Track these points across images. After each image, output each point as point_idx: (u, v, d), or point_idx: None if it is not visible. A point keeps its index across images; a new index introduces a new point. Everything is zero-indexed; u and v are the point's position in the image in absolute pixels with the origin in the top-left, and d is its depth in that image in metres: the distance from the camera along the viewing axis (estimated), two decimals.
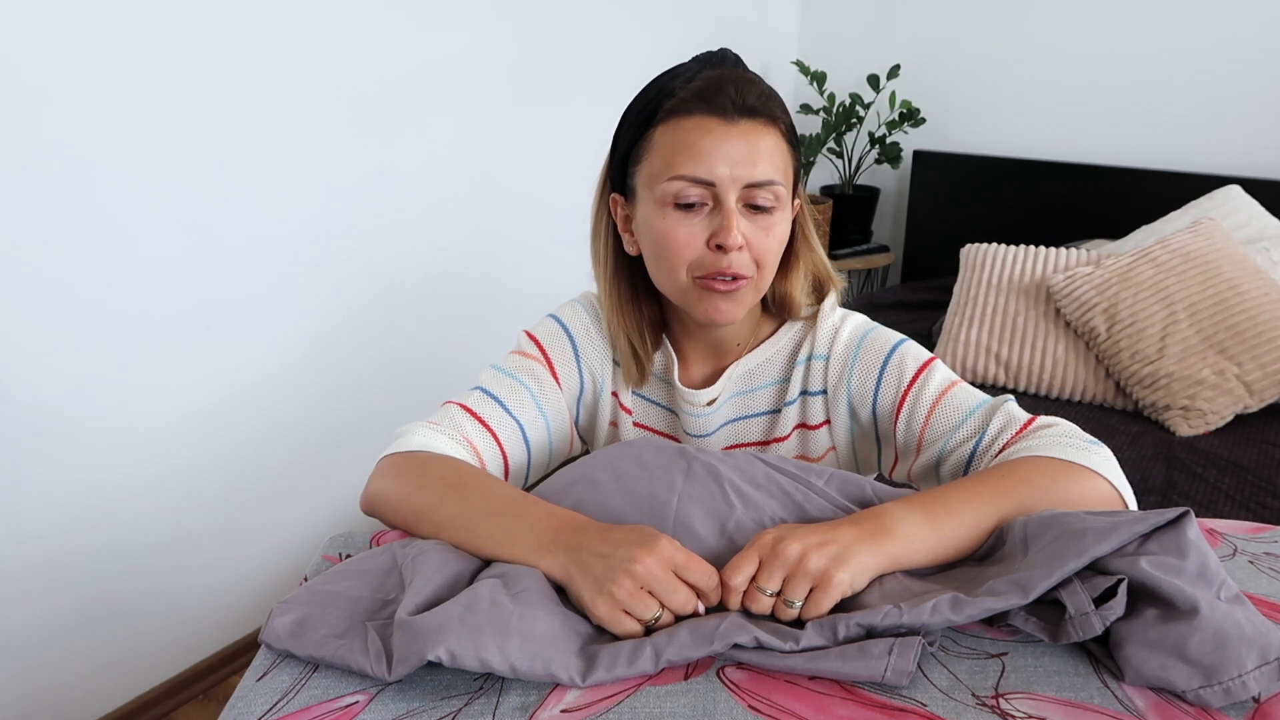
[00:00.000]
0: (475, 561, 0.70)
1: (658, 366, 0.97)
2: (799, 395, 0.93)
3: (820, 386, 0.92)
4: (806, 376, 0.93)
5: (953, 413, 0.85)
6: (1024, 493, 0.72)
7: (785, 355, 0.94)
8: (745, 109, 0.80)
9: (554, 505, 0.73)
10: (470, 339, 2.11)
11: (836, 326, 0.92)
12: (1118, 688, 0.56)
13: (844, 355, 0.91)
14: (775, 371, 0.94)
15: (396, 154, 1.82)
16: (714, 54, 0.85)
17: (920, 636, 0.58)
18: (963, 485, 0.74)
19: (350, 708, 0.57)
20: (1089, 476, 0.75)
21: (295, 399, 1.74)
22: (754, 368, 0.94)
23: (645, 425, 1.00)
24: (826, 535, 0.66)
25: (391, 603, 0.65)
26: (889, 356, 0.89)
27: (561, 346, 0.97)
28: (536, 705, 0.56)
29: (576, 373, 0.97)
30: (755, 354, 0.94)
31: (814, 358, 0.92)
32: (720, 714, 0.55)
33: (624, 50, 2.33)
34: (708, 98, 0.80)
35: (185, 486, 1.60)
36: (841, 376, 0.91)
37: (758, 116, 0.80)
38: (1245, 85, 2.43)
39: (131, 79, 1.36)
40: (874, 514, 0.69)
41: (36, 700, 1.46)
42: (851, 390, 0.90)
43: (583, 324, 0.98)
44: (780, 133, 0.82)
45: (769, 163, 0.81)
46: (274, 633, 0.61)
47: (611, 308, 0.93)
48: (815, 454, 0.95)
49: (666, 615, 0.62)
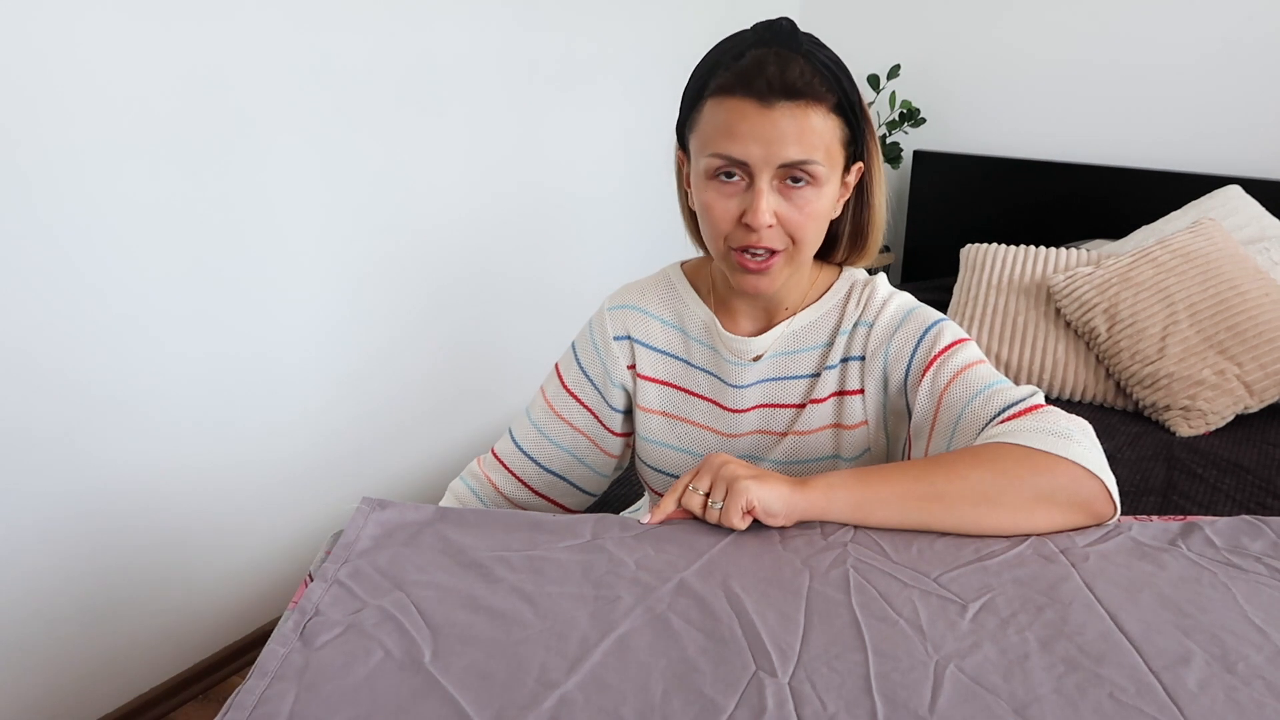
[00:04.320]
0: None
1: (697, 329, 1.01)
2: (840, 361, 0.96)
3: (860, 352, 0.96)
4: (852, 342, 0.96)
5: (971, 384, 0.88)
6: (970, 467, 0.78)
7: (833, 319, 0.97)
8: (784, 90, 0.82)
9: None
10: (481, 339, 2.11)
11: (886, 298, 0.96)
12: None
13: (888, 324, 0.95)
14: (822, 334, 0.97)
15: (410, 152, 1.82)
16: (771, 24, 0.86)
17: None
18: (911, 461, 0.82)
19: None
20: (1055, 462, 0.78)
21: (295, 399, 1.74)
22: (800, 329, 0.98)
23: (679, 386, 1.04)
24: (757, 468, 0.80)
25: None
26: (928, 329, 0.93)
27: (577, 377, 1.07)
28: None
29: (596, 392, 1.06)
30: (804, 314, 0.98)
31: (860, 325, 0.96)
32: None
33: (624, 51, 2.33)
34: (748, 80, 0.82)
35: (185, 486, 1.59)
36: (881, 343, 0.94)
37: (798, 98, 0.82)
38: (1245, 85, 2.43)
39: (138, 71, 1.36)
40: (811, 475, 0.81)
41: (36, 700, 1.46)
42: (889, 357, 0.94)
43: (588, 346, 1.06)
44: (827, 108, 0.84)
45: (805, 142, 0.83)
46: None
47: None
48: (850, 423, 0.97)
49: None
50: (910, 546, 0.76)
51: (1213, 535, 0.79)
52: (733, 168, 0.85)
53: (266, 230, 1.61)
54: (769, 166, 0.83)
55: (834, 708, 0.57)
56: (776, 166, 0.83)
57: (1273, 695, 0.58)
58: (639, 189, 2.48)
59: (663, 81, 2.46)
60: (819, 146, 0.84)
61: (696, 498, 0.79)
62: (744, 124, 0.83)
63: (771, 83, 0.82)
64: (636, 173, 2.45)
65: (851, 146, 0.88)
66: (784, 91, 0.82)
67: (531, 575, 0.72)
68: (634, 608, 0.68)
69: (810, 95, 0.83)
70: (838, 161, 0.87)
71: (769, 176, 0.84)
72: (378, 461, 1.95)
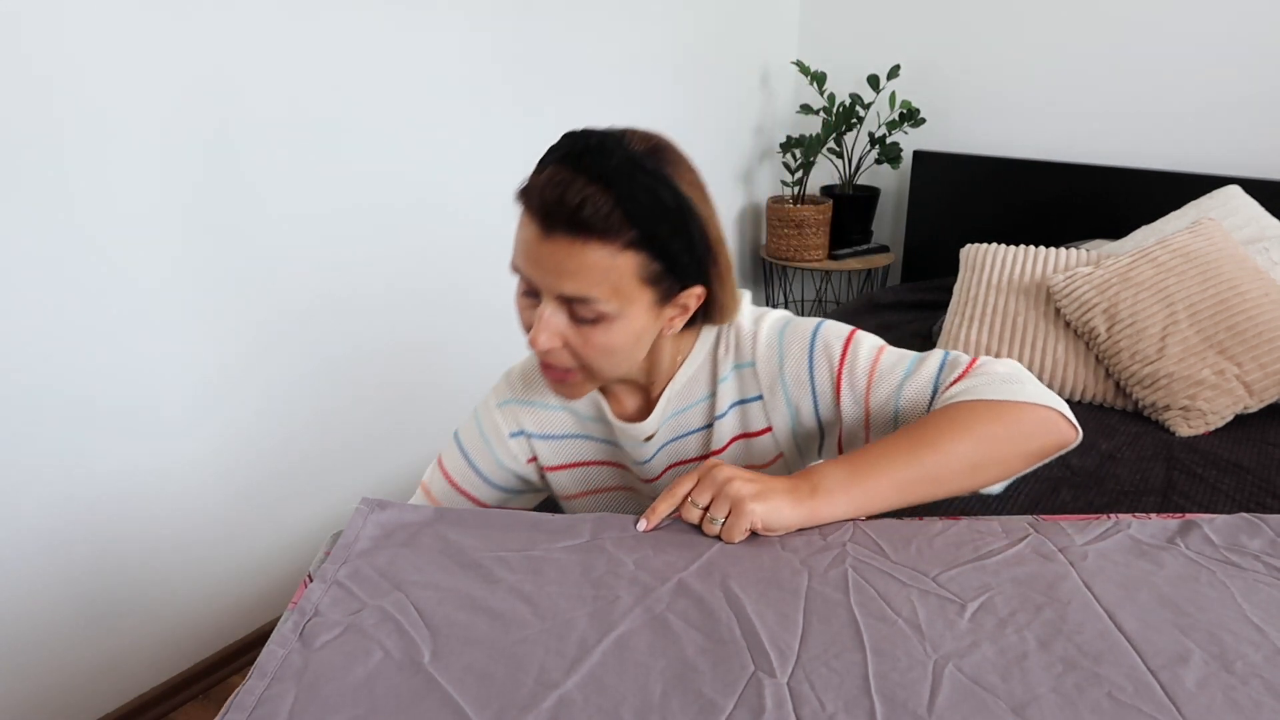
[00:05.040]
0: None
1: (586, 408, 0.99)
2: (731, 406, 0.93)
3: (755, 392, 0.92)
4: (740, 386, 0.93)
5: (891, 375, 0.88)
6: (950, 440, 0.79)
7: (708, 370, 0.94)
8: (565, 221, 0.75)
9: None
10: (469, 342, 2.11)
11: (754, 331, 0.92)
12: None
13: (770, 356, 0.91)
14: (700, 388, 0.94)
15: (399, 157, 1.82)
16: (585, 137, 0.78)
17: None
18: (891, 440, 0.80)
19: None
20: (1026, 410, 0.81)
21: (296, 399, 1.74)
22: (680, 388, 0.95)
23: (587, 462, 1.02)
24: (757, 476, 0.77)
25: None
26: (813, 343, 0.90)
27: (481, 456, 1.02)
28: None
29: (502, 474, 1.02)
30: (678, 377, 0.94)
31: (740, 366, 0.92)
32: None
33: (625, 50, 2.33)
34: (532, 200, 0.77)
35: (185, 486, 1.60)
36: (775, 377, 0.91)
37: (577, 232, 0.75)
38: (1245, 85, 2.43)
39: (131, 75, 1.37)
40: (806, 473, 0.79)
41: (36, 700, 1.46)
42: (788, 386, 0.91)
43: (477, 443, 1.02)
44: (620, 244, 0.76)
45: (583, 280, 0.77)
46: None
47: None
48: (761, 462, 0.96)
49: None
50: (909, 546, 0.76)
51: (1211, 533, 0.79)
52: (528, 283, 0.81)
53: (263, 228, 1.61)
54: (550, 293, 0.79)
55: (833, 708, 0.57)
56: (554, 296, 0.79)
57: (1271, 694, 0.58)
58: None
59: (663, 82, 2.47)
60: (601, 284, 0.77)
61: (695, 512, 0.78)
62: (527, 246, 0.78)
63: (550, 211, 0.75)
64: None
65: (668, 278, 0.81)
66: (564, 222, 0.75)
67: (531, 575, 0.72)
68: (633, 608, 0.68)
69: (594, 231, 0.75)
70: (638, 297, 0.80)
71: (552, 302, 0.79)
72: (377, 462, 1.95)
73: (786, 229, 2.82)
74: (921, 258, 2.93)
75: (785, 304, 3.22)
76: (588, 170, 0.75)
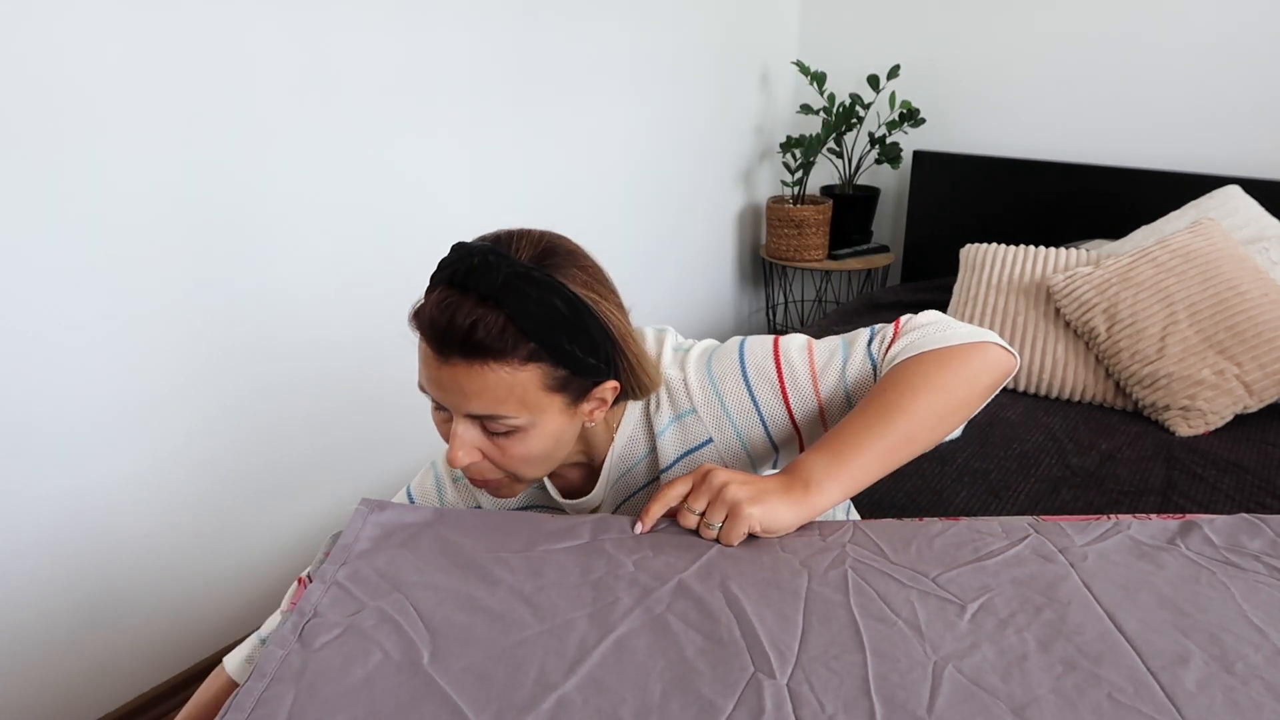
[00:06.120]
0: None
1: (532, 488, 0.98)
2: (680, 457, 0.92)
3: (703, 437, 0.91)
4: (682, 436, 0.91)
5: (831, 365, 0.89)
6: (912, 398, 0.80)
7: (644, 428, 0.92)
8: (458, 346, 0.74)
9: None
10: None
11: (682, 378, 0.90)
12: None
13: (708, 398, 0.90)
14: (640, 446, 0.93)
15: (399, 159, 1.82)
16: (469, 255, 0.75)
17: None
18: (860, 414, 0.81)
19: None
20: (968, 350, 0.83)
21: (295, 399, 1.74)
22: (619, 453, 0.93)
23: (539, 506, 1.02)
24: (752, 478, 0.77)
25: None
26: (743, 368, 0.89)
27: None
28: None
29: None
30: (616, 442, 0.93)
31: (681, 416, 0.91)
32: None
33: (625, 51, 2.33)
34: (427, 327, 0.75)
35: (185, 487, 1.60)
36: (719, 416, 0.90)
37: (473, 356, 0.74)
38: (1244, 85, 2.43)
39: (130, 81, 1.37)
40: (793, 468, 0.79)
41: (36, 700, 1.46)
42: (734, 419, 0.90)
43: (430, 490, 1.01)
44: (519, 360, 0.75)
45: (489, 398, 0.76)
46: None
47: None
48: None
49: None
50: (909, 547, 0.76)
51: (1211, 534, 0.79)
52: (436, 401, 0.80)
53: (269, 231, 1.61)
54: (459, 412, 0.78)
55: (832, 709, 0.57)
56: (464, 415, 0.78)
57: (1271, 695, 0.58)
58: (640, 188, 2.48)
59: (663, 82, 2.46)
60: (506, 401, 0.76)
61: (692, 518, 0.77)
62: (428, 370, 0.77)
63: (442, 336, 0.74)
64: (638, 174, 2.45)
65: (576, 380, 0.79)
66: (458, 346, 0.73)
67: (530, 576, 0.72)
68: (632, 609, 0.68)
69: (490, 352, 0.73)
70: (548, 404, 0.79)
71: (464, 420, 0.78)
72: (377, 462, 1.95)
73: (786, 229, 2.82)
74: (921, 258, 2.93)
75: (785, 304, 3.22)
76: (475, 289, 0.73)
